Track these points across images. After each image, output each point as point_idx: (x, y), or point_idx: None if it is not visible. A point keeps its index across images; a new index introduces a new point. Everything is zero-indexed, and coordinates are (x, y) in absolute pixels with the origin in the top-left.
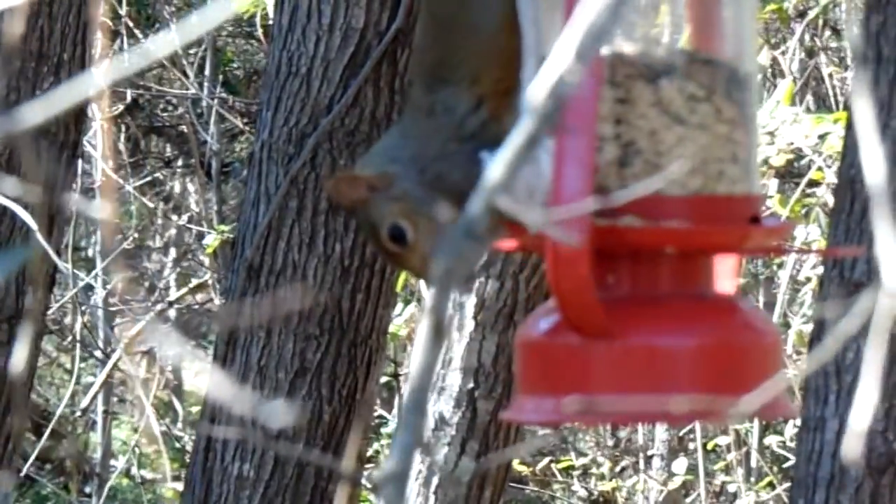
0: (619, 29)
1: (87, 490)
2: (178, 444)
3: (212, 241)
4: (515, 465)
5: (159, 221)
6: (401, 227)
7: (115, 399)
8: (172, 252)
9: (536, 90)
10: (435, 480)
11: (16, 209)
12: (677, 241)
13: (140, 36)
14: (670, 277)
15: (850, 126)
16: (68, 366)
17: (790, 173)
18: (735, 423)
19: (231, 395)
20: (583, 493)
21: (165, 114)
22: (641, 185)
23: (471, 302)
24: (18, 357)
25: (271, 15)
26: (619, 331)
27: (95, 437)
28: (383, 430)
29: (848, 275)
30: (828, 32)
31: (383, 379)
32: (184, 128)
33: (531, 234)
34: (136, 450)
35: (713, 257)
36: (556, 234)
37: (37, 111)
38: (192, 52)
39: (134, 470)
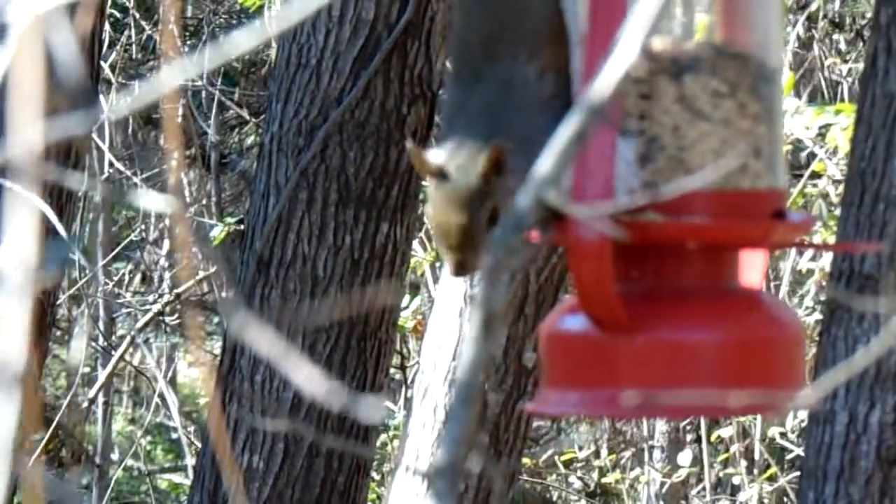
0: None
1: (84, 481)
2: (173, 436)
3: (218, 232)
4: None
5: (153, 213)
6: (500, 215)
7: (112, 390)
8: (167, 244)
9: (600, 84)
10: None
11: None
12: (698, 237)
13: (145, 26)
14: (694, 272)
15: (859, 118)
16: (63, 357)
17: (791, 165)
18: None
19: (323, 389)
20: (578, 484)
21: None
22: (695, 180)
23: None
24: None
25: (278, 7)
26: (642, 325)
27: (92, 429)
28: (390, 423)
29: (858, 267)
30: (825, 24)
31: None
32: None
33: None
34: (142, 441)
35: (738, 252)
36: (605, 229)
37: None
38: (189, 43)
39: (132, 461)
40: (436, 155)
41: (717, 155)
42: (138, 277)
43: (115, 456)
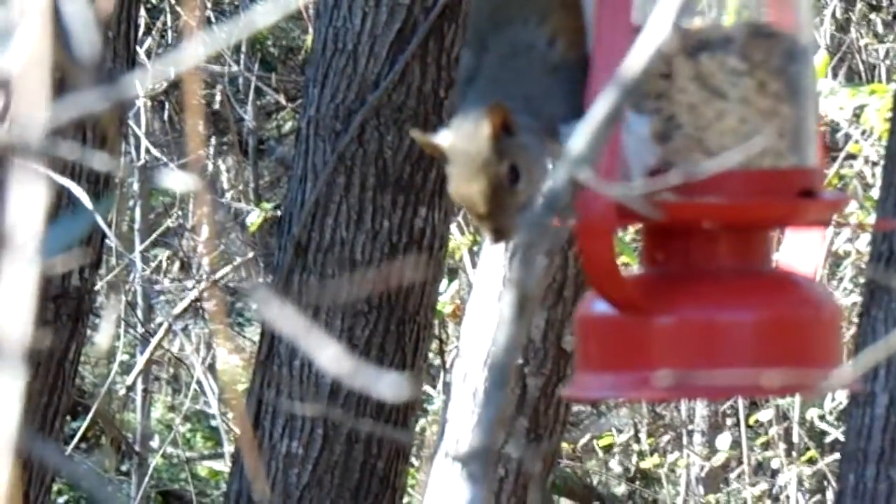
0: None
1: (124, 468)
2: (213, 423)
3: (255, 218)
4: None
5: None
6: (519, 170)
7: (151, 377)
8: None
9: (631, 61)
10: None
11: (68, 184)
12: (716, 216)
13: (181, 12)
14: (721, 253)
15: None
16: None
17: (827, 147)
18: (812, 396)
19: (342, 366)
20: (619, 469)
21: (202, 91)
22: (711, 161)
23: None
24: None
25: None
26: (666, 306)
27: (131, 416)
28: (429, 407)
29: None
30: (862, 5)
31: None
32: (217, 106)
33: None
34: (180, 428)
35: (766, 232)
36: (639, 208)
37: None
38: (226, 29)
39: (171, 448)
40: (443, 135)
41: (736, 134)
42: (177, 265)
43: (155, 443)
